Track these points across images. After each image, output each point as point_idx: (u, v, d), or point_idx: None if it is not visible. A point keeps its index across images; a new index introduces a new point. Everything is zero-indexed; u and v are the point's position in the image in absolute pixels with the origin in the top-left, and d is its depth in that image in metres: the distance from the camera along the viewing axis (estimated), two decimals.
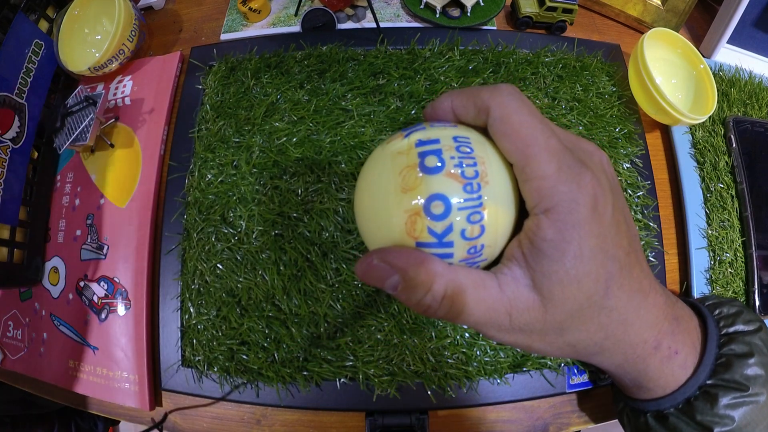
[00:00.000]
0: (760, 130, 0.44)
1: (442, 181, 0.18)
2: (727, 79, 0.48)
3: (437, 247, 0.19)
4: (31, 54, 0.42)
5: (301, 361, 0.34)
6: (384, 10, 0.49)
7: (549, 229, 0.18)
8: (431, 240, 0.19)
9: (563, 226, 0.18)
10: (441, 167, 0.19)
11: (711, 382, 0.25)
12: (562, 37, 0.48)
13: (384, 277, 0.19)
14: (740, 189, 0.41)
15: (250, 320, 0.34)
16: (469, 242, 0.19)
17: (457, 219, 0.18)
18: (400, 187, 0.19)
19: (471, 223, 0.19)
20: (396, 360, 0.34)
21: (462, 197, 0.18)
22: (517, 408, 0.35)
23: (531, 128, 0.19)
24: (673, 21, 0.50)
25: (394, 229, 0.19)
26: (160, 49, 0.49)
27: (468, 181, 0.19)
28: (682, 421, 0.25)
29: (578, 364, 0.35)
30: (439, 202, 0.18)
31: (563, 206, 0.18)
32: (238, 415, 0.35)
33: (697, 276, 0.39)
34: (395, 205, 0.19)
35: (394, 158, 0.20)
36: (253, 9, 0.47)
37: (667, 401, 0.26)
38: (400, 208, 0.19)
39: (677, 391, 0.25)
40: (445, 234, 0.19)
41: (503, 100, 0.19)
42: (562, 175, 0.19)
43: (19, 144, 0.40)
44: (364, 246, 0.35)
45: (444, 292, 0.19)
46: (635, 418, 0.28)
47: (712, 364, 0.25)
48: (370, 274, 0.19)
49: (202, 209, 0.38)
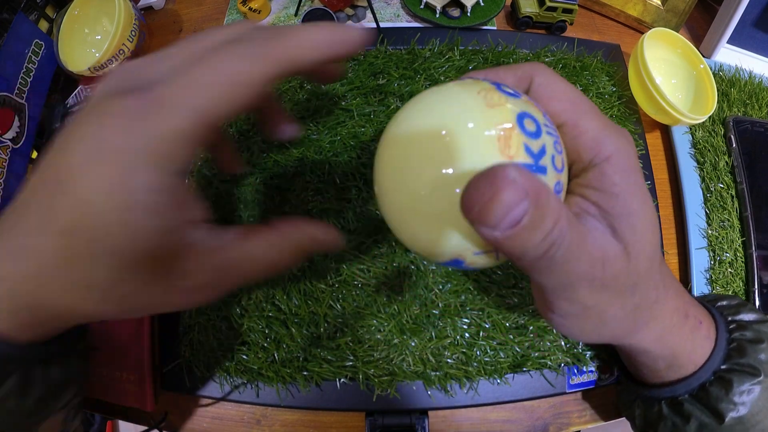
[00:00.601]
0: (760, 130, 0.44)
1: (524, 103, 0.17)
2: (727, 79, 0.48)
3: (533, 172, 0.16)
4: (31, 54, 0.42)
5: (301, 361, 0.34)
6: (384, 10, 0.49)
7: (615, 175, 0.19)
8: (528, 160, 0.16)
9: (626, 171, 0.20)
10: (519, 95, 0.18)
11: (725, 366, 0.25)
12: (562, 37, 0.48)
13: (512, 203, 0.14)
14: (740, 189, 0.41)
15: (250, 320, 0.34)
16: (556, 174, 0.17)
17: (547, 141, 0.17)
18: (484, 103, 0.16)
19: (558, 153, 0.17)
20: (396, 360, 0.34)
21: (545, 122, 0.18)
22: (517, 408, 0.35)
23: (575, 91, 0.21)
24: (673, 21, 0.50)
25: (485, 147, 0.15)
26: (160, 49, 0.49)
27: (544, 111, 0.18)
28: (697, 407, 0.25)
29: (578, 364, 0.35)
30: (530, 119, 0.17)
31: (621, 153, 0.20)
32: (238, 415, 0.35)
33: (697, 276, 0.39)
34: (482, 121, 0.16)
35: (463, 86, 0.17)
36: (253, 9, 0.47)
37: (682, 386, 0.26)
38: (491, 122, 0.16)
39: (692, 376, 0.25)
40: (540, 156, 0.16)
41: (545, 70, 0.21)
42: (611, 128, 0.20)
43: (19, 144, 0.40)
44: (364, 246, 0.35)
45: (568, 229, 0.16)
46: (648, 408, 0.28)
47: (725, 349, 0.26)
48: (496, 199, 0.14)
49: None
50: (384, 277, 0.35)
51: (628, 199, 0.19)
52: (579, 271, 0.18)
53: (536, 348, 0.34)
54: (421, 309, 0.34)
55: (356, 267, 0.35)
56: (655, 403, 0.27)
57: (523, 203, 0.14)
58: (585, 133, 0.20)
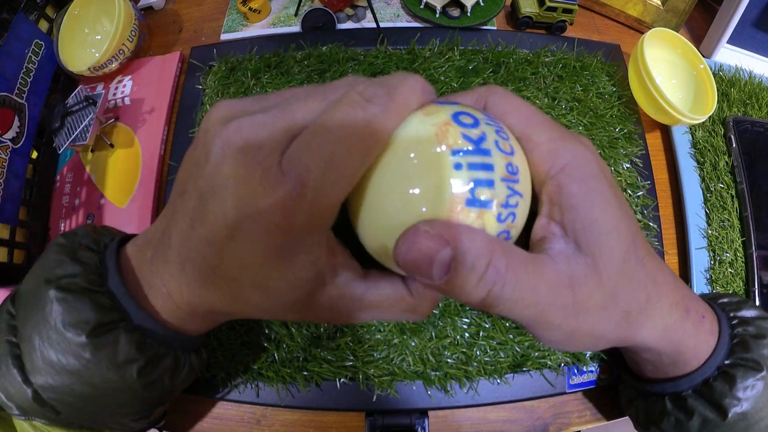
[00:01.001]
0: (760, 130, 0.44)
1: (462, 107, 0.18)
2: (727, 79, 0.48)
3: (475, 155, 0.16)
4: (31, 54, 0.42)
5: (301, 361, 0.34)
6: (384, 10, 0.49)
7: (572, 185, 0.19)
8: (469, 146, 0.16)
9: (583, 179, 0.19)
10: (456, 103, 0.19)
11: (729, 361, 0.25)
12: (562, 37, 0.48)
13: (432, 251, 0.15)
14: (740, 189, 0.41)
15: (250, 320, 0.34)
16: (504, 156, 0.17)
17: (487, 129, 0.17)
18: (421, 113, 0.17)
19: (503, 138, 0.18)
20: (396, 360, 0.34)
21: (485, 117, 0.18)
22: (517, 408, 0.35)
23: (529, 106, 0.20)
24: (673, 21, 0.50)
25: (424, 140, 0.16)
26: (160, 49, 0.49)
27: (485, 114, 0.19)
28: (700, 403, 0.25)
29: (578, 364, 0.35)
30: (467, 115, 0.17)
31: (577, 160, 0.19)
32: (238, 415, 0.35)
33: (697, 276, 0.39)
34: (419, 124, 0.17)
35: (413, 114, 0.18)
36: (253, 9, 0.47)
37: (686, 382, 0.26)
38: (427, 124, 0.17)
39: (696, 372, 0.25)
40: (481, 141, 0.17)
41: (498, 89, 0.21)
42: (567, 136, 0.20)
43: (19, 144, 0.40)
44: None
45: (506, 266, 0.16)
46: (651, 405, 0.28)
47: (728, 344, 0.25)
48: (415, 250, 0.16)
49: None
50: None
51: (587, 208, 0.19)
52: (542, 302, 0.18)
53: (536, 348, 0.34)
54: None
55: None
56: (658, 400, 0.27)
57: (445, 250, 0.15)
58: (539, 145, 0.19)
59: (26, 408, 0.23)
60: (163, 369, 0.23)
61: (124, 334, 0.21)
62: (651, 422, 0.28)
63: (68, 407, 0.23)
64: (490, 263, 0.16)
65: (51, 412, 0.23)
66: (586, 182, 0.19)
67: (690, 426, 0.26)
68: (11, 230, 0.39)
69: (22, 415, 0.23)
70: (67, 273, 0.22)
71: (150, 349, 0.22)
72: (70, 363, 0.21)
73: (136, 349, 0.22)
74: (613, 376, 0.35)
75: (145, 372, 0.22)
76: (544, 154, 0.19)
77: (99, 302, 0.21)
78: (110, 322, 0.21)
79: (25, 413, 0.23)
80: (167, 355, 0.23)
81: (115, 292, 0.22)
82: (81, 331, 0.21)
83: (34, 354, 0.21)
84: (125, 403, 0.23)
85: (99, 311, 0.21)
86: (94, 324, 0.21)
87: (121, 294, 0.22)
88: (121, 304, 0.22)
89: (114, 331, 0.21)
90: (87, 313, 0.21)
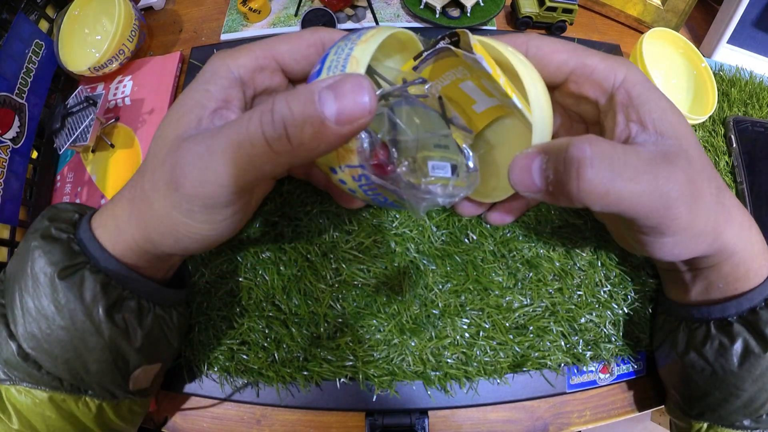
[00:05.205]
0: (760, 130, 0.44)
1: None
2: (727, 78, 0.48)
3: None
4: (31, 54, 0.42)
5: (301, 361, 0.34)
6: (384, 10, 0.49)
7: (638, 87, 0.24)
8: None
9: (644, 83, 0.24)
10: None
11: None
12: (562, 37, 0.48)
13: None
14: (740, 189, 0.41)
15: (250, 320, 0.34)
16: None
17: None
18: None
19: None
20: (396, 360, 0.34)
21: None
22: (517, 408, 0.35)
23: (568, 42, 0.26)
24: (673, 21, 0.50)
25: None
26: (160, 49, 0.49)
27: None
28: (745, 329, 0.26)
29: (578, 364, 0.35)
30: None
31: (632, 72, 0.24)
32: (238, 415, 0.35)
33: None
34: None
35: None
36: (253, 9, 0.47)
37: (733, 306, 0.27)
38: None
39: (743, 297, 0.26)
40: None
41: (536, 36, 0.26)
42: (613, 57, 0.25)
43: (19, 144, 0.40)
44: (363, 246, 0.35)
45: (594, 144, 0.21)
46: (693, 330, 0.28)
47: None
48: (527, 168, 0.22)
49: None
50: (384, 277, 0.35)
51: (657, 100, 0.23)
52: (653, 181, 0.21)
53: (536, 348, 0.34)
54: (421, 309, 0.34)
55: (356, 267, 0.35)
56: (702, 325, 0.28)
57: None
58: (595, 67, 0.25)
59: (13, 364, 0.24)
60: (127, 311, 0.25)
61: (90, 275, 0.23)
62: (692, 347, 0.28)
63: (47, 357, 0.24)
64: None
65: (34, 368, 0.24)
66: (647, 85, 0.24)
67: (733, 350, 0.26)
68: (11, 230, 0.39)
69: (7, 379, 0.24)
70: (46, 226, 0.24)
71: (114, 289, 0.24)
72: (43, 306, 0.23)
73: (101, 289, 0.24)
74: (614, 376, 0.35)
75: (111, 313, 0.24)
76: (603, 72, 0.24)
77: (70, 248, 0.24)
78: (78, 263, 0.24)
79: (9, 374, 0.24)
80: (130, 299, 0.25)
81: (83, 238, 0.25)
82: (52, 272, 0.23)
83: (15, 305, 0.24)
84: (97, 351, 0.24)
85: (68, 254, 0.23)
86: (62, 266, 0.23)
87: (87, 239, 0.24)
88: (88, 249, 0.24)
89: (80, 271, 0.23)
90: (57, 256, 0.23)
